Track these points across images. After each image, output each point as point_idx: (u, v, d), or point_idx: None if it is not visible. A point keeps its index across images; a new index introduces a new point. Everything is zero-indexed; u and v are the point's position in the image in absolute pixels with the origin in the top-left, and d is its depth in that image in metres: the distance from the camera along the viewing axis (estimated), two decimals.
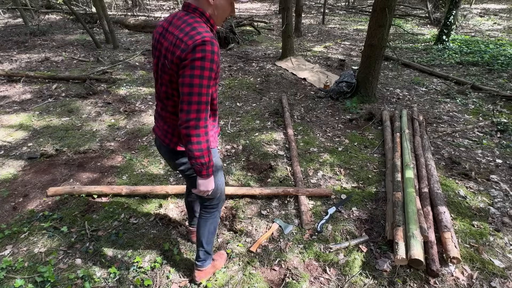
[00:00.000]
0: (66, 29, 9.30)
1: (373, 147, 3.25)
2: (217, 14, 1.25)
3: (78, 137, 3.47)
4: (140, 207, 2.42)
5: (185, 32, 1.15)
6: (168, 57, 1.19)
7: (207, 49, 1.11)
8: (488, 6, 14.29)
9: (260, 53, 7.15)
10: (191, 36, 1.12)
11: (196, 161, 1.22)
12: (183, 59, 1.13)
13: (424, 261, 1.79)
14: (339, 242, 2.09)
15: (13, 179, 2.76)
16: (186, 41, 1.12)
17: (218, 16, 1.26)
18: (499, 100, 4.34)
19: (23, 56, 6.62)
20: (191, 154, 1.21)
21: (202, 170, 1.25)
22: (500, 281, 1.81)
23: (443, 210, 2.16)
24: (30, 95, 4.59)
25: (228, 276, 1.88)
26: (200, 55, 1.10)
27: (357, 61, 6.36)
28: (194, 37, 1.12)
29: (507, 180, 2.69)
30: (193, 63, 1.11)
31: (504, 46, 6.84)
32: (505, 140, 3.34)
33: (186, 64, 1.12)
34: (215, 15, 1.25)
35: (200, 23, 1.18)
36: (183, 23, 1.18)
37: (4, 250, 2.03)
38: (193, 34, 1.12)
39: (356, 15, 13.01)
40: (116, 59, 6.48)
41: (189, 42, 1.11)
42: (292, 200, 2.49)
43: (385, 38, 3.87)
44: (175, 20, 1.22)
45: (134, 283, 1.82)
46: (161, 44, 1.24)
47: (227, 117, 3.99)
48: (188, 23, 1.17)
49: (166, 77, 1.23)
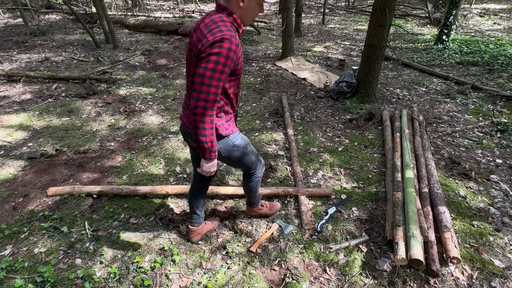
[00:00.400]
0: (66, 29, 9.30)
1: (373, 147, 3.25)
2: (245, 15, 1.36)
3: (78, 137, 3.47)
4: (140, 207, 2.42)
5: (210, 29, 1.27)
6: (193, 50, 1.33)
7: (224, 46, 1.22)
8: (488, 6, 14.30)
9: (260, 53, 7.15)
10: (213, 33, 1.25)
11: (200, 144, 1.36)
12: (202, 52, 1.26)
13: (424, 261, 1.79)
14: (339, 242, 2.09)
15: (13, 179, 2.76)
16: (208, 36, 1.25)
17: (247, 16, 1.38)
18: (499, 100, 4.34)
19: (23, 56, 6.62)
20: (196, 137, 1.35)
21: (205, 153, 1.40)
22: (500, 281, 1.81)
23: (443, 210, 2.16)
24: (30, 95, 4.59)
25: (228, 276, 1.88)
26: (217, 50, 1.22)
27: (357, 61, 6.36)
28: (215, 34, 1.24)
29: (507, 180, 2.69)
30: (209, 57, 1.23)
31: (504, 46, 6.84)
32: (505, 140, 3.34)
33: (203, 57, 1.25)
34: (243, 16, 1.37)
35: (225, 22, 1.30)
36: (210, 21, 1.31)
37: (4, 250, 2.03)
38: (215, 32, 1.25)
39: (356, 15, 13.01)
40: (116, 59, 6.48)
41: (210, 38, 1.24)
42: (292, 200, 2.49)
43: (385, 38, 3.87)
44: (206, 18, 1.35)
45: (134, 283, 1.82)
46: (192, 38, 1.38)
47: None
48: (214, 21, 1.30)
49: (192, 68, 1.38)
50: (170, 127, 3.72)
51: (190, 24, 8.17)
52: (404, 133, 3.10)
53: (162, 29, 8.68)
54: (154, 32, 8.87)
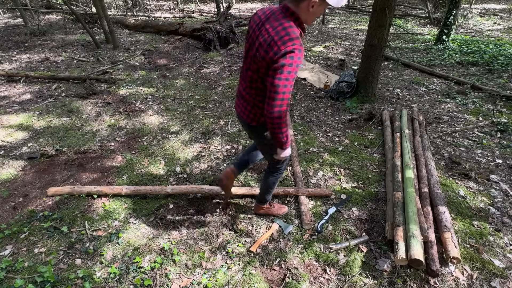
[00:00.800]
0: (66, 29, 9.30)
1: (373, 147, 3.25)
2: (310, 18, 1.44)
3: (78, 137, 3.47)
4: (140, 207, 2.42)
5: (280, 36, 1.36)
6: (261, 53, 1.43)
7: (295, 57, 1.34)
8: (488, 6, 14.30)
9: None
10: (284, 41, 1.35)
11: (278, 140, 1.60)
12: (274, 61, 1.37)
13: (424, 261, 1.79)
14: (339, 242, 2.09)
15: (13, 179, 2.76)
16: (279, 45, 1.35)
17: (310, 20, 1.45)
18: (499, 100, 4.34)
19: (23, 56, 6.62)
20: (275, 135, 1.57)
21: (282, 145, 1.64)
22: (500, 281, 1.81)
23: (443, 210, 2.16)
24: (30, 95, 4.59)
25: (228, 276, 1.88)
26: (289, 61, 1.34)
27: (357, 61, 6.36)
28: (286, 43, 1.34)
29: (507, 180, 2.69)
30: (282, 68, 1.35)
31: (504, 46, 6.84)
32: (505, 140, 3.34)
33: (276, 68, 1.37)
34: (308, 19, 1.44)
35: (293, 27, 1.38)
36: (279, 25, 1.39)
37: (4, 250, 2.03)
38: (286, 40, 1.34)
39: (356, 15, 13.01)
40: (116, 59, 6.48)
41: (282, 48, 1.34)
42: (292, 200, 2.49)
43: (385, 38, 3.87)
44: (272, 19, 1.42)
45: (134, 283, 1.82)
46: (257, 36, 1.47)
47: (227, 117, 3.99)
48: (284, 26, 1.38)
49: (255, 66, 1.50)
50: (170, 127, 3.72)
51: (190, 24, 8.17)
52: (404, 133, 3.10)
53: (162, 29, 8.68)
54: (154, 32, 8.87)
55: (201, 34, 7.55)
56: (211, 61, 6.53)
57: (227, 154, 3.16)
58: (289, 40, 1.34)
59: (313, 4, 1.37)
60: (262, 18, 1.47)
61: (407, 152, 2.73)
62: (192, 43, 7.76)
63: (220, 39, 7.51)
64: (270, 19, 1.43)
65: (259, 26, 1.47)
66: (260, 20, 1.47)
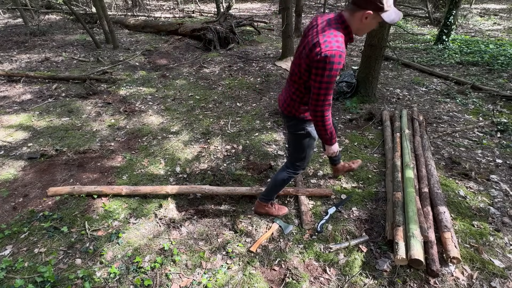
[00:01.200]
0: (66, 29, 9.30)
1: (373, 147, 3.25)
2: (362, 29, 1.52)
3: (78, 137, 3.48)
4: (140, 207, 2.42)
5: (325, 39, 1.44)
6: (306, 50, 1.53)
7: (335, 61, 1.42)
8: (488, 6, 14.30)
9: (260, 53, 7.15)
10: (326, 45, 1.42)
11: (323, 137, 1.72)
12: (315, 62, 1.46)
13: (424, 261, 1.79)
14: (339, 242, 2.09)
15: (13, 179, 2.76)
16: (322, 48, 1.42)
17: (362, 31, 1.53)
18: (499, 100, 4.34)
19: (23, 56, 6.62)
20: (320, 132, 1.70)
21: (327, 141, 1.76)
22: (500, 281, 1.81)
23: (443, 210, 2.16)
24: (30, 95, 4.59)
25: (228, 276, 1.88)
26: (329, 66, 1.43)
27: (357, 61, 6.36)
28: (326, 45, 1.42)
29: (507, 180, 2.69)
30: (323, 71, 1.45)
31: (504, 46, 6.84)
32: (505, 140, 3.34)
33: (317, 69, 1.46)
34: (359, 30, 1.52)
35: (338, 36, 1.45)
36: (328, 30, 1.47)
37: (4, 250, 2.03)
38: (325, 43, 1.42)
39: None
40: (116, 59, 6.48)
41: (323, 51, 1.42)
42: (292, 200, 2.49)
43: (385, 38, 3.87)
44: (325, 22, 1.52)
45: (134, 283, 1.82)
46: (308, 35, 1.57)
47: (227, 117, 3.99)
48: (331, 32, 1.46)
49: (298, 60, 1.62)
50: (170, 127, 3.72)
51: (190, 24, 8.17)
52: (404, 133, 3.10)
53: (162, 29, 8.68)
54: (154, 32, 8.87)
55: (201, 34, 7.55)
56: (211, 61, 6.53)
57: (227, 154, 3.16)
58: (332, 44, 1.41)
59: (367, 16, 1.43)
60: (318, 21, 1.57)
61: (407, 152, 2.73)
62: (192, 43, 7.76)
63: (220, 39, 7.51)
64: (324, 23, 1.52)
65: (313, 26, 1.57)
66: (316, 22, 1.57)
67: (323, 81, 1.47)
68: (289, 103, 1.79)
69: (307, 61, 1.52)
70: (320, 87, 1.49)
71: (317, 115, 1.59)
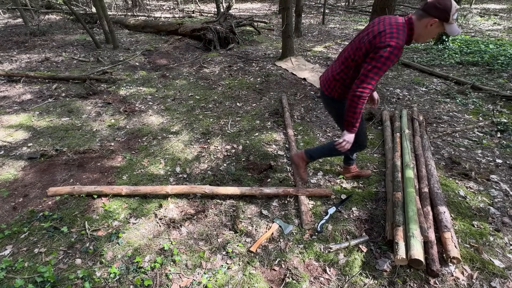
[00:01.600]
0: (66, 29, 9.30)
1: (373, 147, 3.25)
2: (422, 35, 1.65)
3: (78, 137, 3.48)
4: (140, 207, 2.42)
5: (389, 31, 1.61)
6: (369, 36, 1.68)
7: (394, 53, 1.57)
8: (488, 6, 14.29)
9: (260, 53, 7.15)
10: (389, 36, 1.59)
11: (349, 118, 1.80)
12: (376, 48, 1.61)
13: (424, 261, 1.79)
14: (339, 242, 2.09)
15: (13, 179, 2.76)
16: (384, 35, 1.60)
17: (422, 37, 1.67)
18: (499, 100, 4.34)
19: (23, 56, 6.62)
20: (348, 113, 1.79)
21: (349, 125, 1.84)
22: (500, 281, 1.81)
23: (443, 210, 2.16)
24: (30, 95, 4.59)
25: (228, 276, 1.88)
26: (387, 54, 1.58)
27: None
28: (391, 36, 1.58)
29: (507, 180, 2.69)
30: (380, 58, 1.59)
31: (504, 46, 6.84)
32: (505, 140, 3.34)
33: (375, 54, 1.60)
34: (420, 35, 1.66)
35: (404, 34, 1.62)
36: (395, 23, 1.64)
37: (4, 250, 2.03)
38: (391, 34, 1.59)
39: (356, 15, 13.01)
40: (116, 59, 6.48)
41: (383, 39, 1.59)
42: (292, 200, 2.49)
43: None
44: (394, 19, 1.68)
45: (134, 283, 1.82)
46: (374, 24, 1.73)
47: (227, 117, 3.99)
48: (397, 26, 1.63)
49: (358, 44, 1.75)
50: (170, 127, 3.72)
51: (190, 24, 8.17)
52: (404, 133, 3.10)
53: (162, 29, 8.68)
54: (154, 32, 8.87)
55: (201, 34, 7.55)
56: (211, 61, 6.53)
57: (227, 154, 3.16)
58: (393, 37, 1.58)
59: (432, 23, 1.59)
60: (386, 17, 1.74)
61: (407, 152, 2.73)
62: (192, 43, 7.76)
63: (220, 39, 7.51)
64: (392, 19, 1.68)
65: (381, 20, 1.73)
66: (384, 18, 1.74)
67: (376, 66, 1.60)
68: (331, 83, 1.92)
69: (367, 46, 1.66)
70: (370, 70, 1.62)
71: (355, 95, 1.68)
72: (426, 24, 1.60)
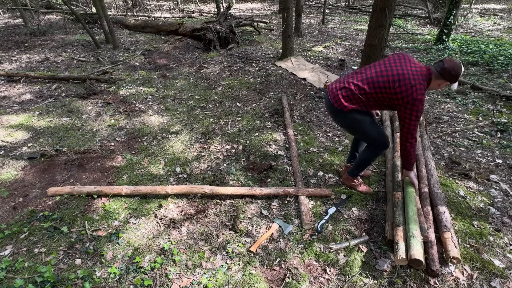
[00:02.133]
0: (66, 29, 9.30)
1: None
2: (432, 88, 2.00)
3: (78, 137, 3.48)
4: (140, 207, 2.42)
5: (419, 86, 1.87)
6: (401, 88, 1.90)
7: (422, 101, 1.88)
8: (488, 6, 14.29)
9: (260, 53, 7.15)
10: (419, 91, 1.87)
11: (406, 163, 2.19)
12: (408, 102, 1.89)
13: (424, 261, 1.79)
14: (339, 242, 2.09)
15: (13, 179, 2.76)
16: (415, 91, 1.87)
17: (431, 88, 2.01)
18: (499, 100, 4.34)
19: (23, 56, 6.62)
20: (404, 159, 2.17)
21: (406, 166, 2.21)
22: (500, 281, 1.81)
23: (443, 210, 2.16)
24: (30, 95, 4.59)
25: (228, 276, 1.88)
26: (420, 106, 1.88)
27: (357, 61, 6.36)
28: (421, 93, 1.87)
29: (507, 180, 2.69)
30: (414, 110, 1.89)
31: (504, 46, 6.84)
32: (505, 140, 3.34)
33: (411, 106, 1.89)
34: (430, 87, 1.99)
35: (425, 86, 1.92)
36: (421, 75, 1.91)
37: (4, 250, 2.03)
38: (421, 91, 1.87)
39: (356, 15, 13.01)
40: (116, 59, 6.48)
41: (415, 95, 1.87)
42: (292, 200, 2.49)
43: (385, 38, 3.87)
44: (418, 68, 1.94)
45: (134, 283, 1.82)
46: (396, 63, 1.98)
47: (227, 117, 3.99)
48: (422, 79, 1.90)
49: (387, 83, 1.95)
50: (170, 127, 3.72)
51: (190, 24, 8.17)
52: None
53: (162, 29, 8.68)
54: (154, 32, 8.87)
55: (201, 34, 7.55)
56: (211, 61, 6.53)
57: (227, 154, 3.16)
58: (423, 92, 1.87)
59: (444, 84, 1.95)
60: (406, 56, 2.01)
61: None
62: (192, 43, 7.76)
63: (220, 39, 7.51)
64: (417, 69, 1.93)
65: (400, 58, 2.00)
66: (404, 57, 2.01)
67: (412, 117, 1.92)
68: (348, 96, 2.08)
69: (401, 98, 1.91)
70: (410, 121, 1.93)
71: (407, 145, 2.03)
72: (439, 83, 1.95)
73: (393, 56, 2.06)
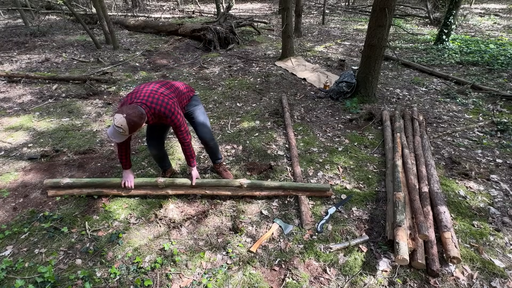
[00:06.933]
0: (66, 29, 9.31)
1: (373, 147, 3.25)
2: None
3: (78, 138, 3.48)
4: (140, 207, 2.42)
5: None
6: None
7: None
8: (488, 6, 14.29)
9: (260, 53, 7.16)
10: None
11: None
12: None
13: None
14: (339, 242, 2.09)
15: (13, 180, 2.76)
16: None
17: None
18: (499, 100, 4.34)
19: (23, 56, 6.63)
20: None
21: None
22: (500, 281, 1.80)
23: (443, 210, 2.16)
24: (30, 96, 4.60)
25: (228, 276, 1.88)
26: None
27: (357, 61, 6.36)
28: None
29: (507, 180, 2.69)
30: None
31: (504, 46, 6.84)
32: (505, 140, 3.34)
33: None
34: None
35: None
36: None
37: (5, 251, 2.03)
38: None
39: (356, 15, 13.01)
40: (116, 59, 6.49)
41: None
42: (292, 200, 2.49)
43: (385, 38, 3.87)
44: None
45: (135, 284, 1.82)
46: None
47: (227, 117, 3.99)
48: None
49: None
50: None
51: (190, 25, 8.17)
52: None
53: (162, 30, 8.68)
54: (154, 32, 8.88)
55: (201, 35, 7.55)
56: (211, 61, 6.54)
57: (227, 154, 3.16)
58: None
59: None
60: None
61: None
62: (192, 44, 7.76)
63: (220, 40, 7.51)
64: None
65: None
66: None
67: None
68: None
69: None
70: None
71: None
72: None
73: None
